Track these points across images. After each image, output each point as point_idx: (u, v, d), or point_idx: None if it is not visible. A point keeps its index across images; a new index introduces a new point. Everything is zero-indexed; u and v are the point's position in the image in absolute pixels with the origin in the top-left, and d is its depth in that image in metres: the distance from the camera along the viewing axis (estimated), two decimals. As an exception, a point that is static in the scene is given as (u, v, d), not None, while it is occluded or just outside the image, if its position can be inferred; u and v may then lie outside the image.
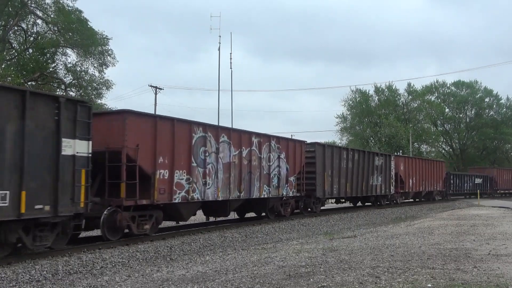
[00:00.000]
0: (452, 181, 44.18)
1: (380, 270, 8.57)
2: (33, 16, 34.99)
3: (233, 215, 20.29)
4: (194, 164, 14.86)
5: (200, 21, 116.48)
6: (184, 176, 14.41)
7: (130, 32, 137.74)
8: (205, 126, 15.51)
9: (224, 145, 16.27)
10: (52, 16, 34.29)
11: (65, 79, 35.73)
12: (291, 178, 20.50)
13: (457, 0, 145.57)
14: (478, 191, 46.06)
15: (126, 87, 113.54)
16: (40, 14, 34.68)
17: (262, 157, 18.40)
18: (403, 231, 16.19)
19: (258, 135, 18.43)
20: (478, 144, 77.35)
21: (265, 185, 18.61)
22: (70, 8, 34.35)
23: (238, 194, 16.98)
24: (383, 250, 11.27)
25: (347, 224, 21.14)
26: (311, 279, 7.90)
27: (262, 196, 18.47)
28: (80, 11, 34.52)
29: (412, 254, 10.48)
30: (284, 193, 20.02)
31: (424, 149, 69.05)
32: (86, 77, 35.61)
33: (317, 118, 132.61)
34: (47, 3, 34.57)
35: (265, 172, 18.61)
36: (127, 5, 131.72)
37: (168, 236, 14.69)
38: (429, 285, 7.24)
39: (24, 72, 32.38)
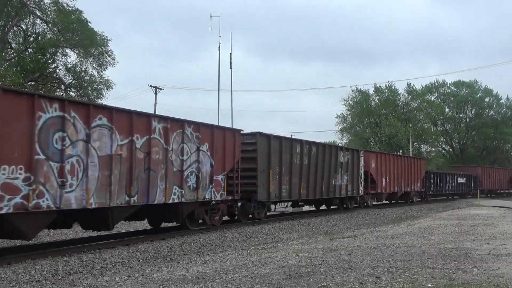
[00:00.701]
0: (432, 181, 39.56)
1: (380, 270, 8.57)
2: (32, 16, 35.00)
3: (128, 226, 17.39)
4: (41, 157, 10.40)
5: (202, 20, 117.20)
6: (20, 174, 9.96)
7: (131, 31, 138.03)
8: (64, 103, 11.05)
9: (101, 131, 11.88)
10: (51, 16, 34.30)
11: (65, 80, 35.74)
12: (219, 177, 16.25)
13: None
14: (479, 190, 45.44)
15: (127, 87, 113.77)
16: (40, 14, 34.68)
17: (170, 148, 14.09)
18: (403, 231, 16.19)
19: (163, 118, 14.07)
20: (478, 144, 77.39)
21: (175, 186, 14.29)
22: (70, 8, 34.36)
23: (127, 199, 12.57)
24: (383, 250, 11.27)
25: (347, 224, 21.15)
26: (311, 279, 7.90)
27: (171, 201, 14.14)
28: (80, 11, 34.54)
29: (412, 254, 10.48)
30: (207, 196, 15.67)
31: (424, 149, 69.09)
32: (86, 77, 35.60)
33: (319, 118, 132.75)
34: (46, 4, 34.61)
35: (175, 169, 14.35)
36: (129, 4, 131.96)
37: (168, 236, 14.68)
38: (429, 285, 7.24)
39: (24, 73, 32.38)
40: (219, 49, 51.24)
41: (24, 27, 35.55)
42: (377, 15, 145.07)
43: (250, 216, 19.06)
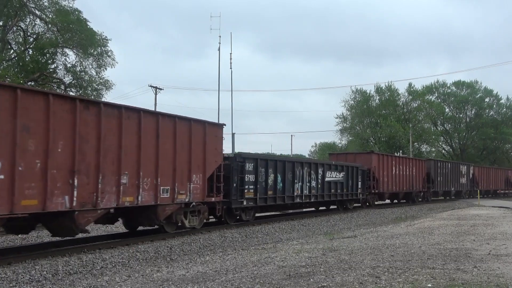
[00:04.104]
0: (252, 178, 18.41)
1: (380, 270, 8.57)
2: (32, 16, 35.01)
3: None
4: None
5: (207, 18, 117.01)
6: None
7: (136, 29, 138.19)
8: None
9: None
10: (51, 16, 34.31)
11: (64, 79, 35.76)
12: None
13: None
14: (479, 190, 42.79)
15: (131, 85, 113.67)
16: (39, 14, 34.69)
17: None
18: (403, 231, 16.18)
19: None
20: (478, 144, 77.38)
21: None
22: (70, 8, 34.37)
23: None
24: (383, 250, 11.27)
25: (347, 224, 21.13)
26: (311, 279, 7.90)
27: None
28: (79, 11, 34.58)
29: (412, 254, 10.47)
30: None
31: (424, 149, 69.14)
32: (86, 77, 35.60)
33: (324, 118, 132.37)
34: (45, 5, 34.59)
35: None
36: (134, 1, 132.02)
37: (168, 236, 14.68)
38: (429, 285, 7.24)
39: (24, 73, 32.38)
40: (219, 49, 51.12)
41: (23, 27, 35.56)
42: (386, 13, 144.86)
43: None
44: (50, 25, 34.54)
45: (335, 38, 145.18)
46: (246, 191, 18.04)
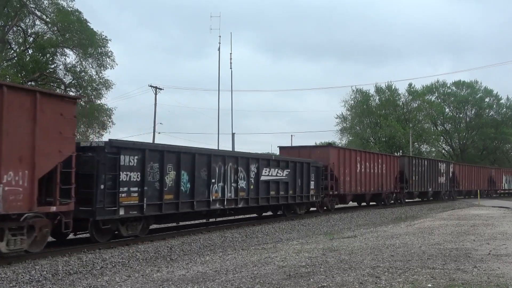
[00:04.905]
0: (138, 178, 13.11)
1: (380, 270, 8.57)
2: (32, 16, 35.04)
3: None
4: None
5: (207, 18, 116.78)
6: None
7: (136, 28, 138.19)
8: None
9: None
10: (51, 16, 34.34)
11: (64, 79, 35.77)
12: None
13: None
14: (479, 191, 42.69)
15: (131, 85, 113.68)
16: (39, 14, 34.72)
17: None
18: (403, 231, 16.19)
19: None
20: (478, 144, 77.39)
21: None
22: (70, 8, 34.42)
23: None
24: (383, 250, 11.27)
25: (347, 224, 21.13)
26: (311, 279, 7.90)
27: None
28: (80, 12, 34.62)
29: (412, 254, 10.48)
30: None
31: (424, 149, 69.15)
32: (85, 77, 35.62)
33: (325, 118, 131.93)
34: (45, 4, 34.61)
35: None
36: (134, 1, 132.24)
37: (168, 236, 14.69)
38: (429, 285, 7.24)
39: (24, 73, 32.41)
40: (219, 49, 51.08)
41: (23, 27, 35.59)
42: (387, 13, 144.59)
43: None
44: (50, 25, 34.56)
45: (336, 37, 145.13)
46: (123, 195, 12.63)
